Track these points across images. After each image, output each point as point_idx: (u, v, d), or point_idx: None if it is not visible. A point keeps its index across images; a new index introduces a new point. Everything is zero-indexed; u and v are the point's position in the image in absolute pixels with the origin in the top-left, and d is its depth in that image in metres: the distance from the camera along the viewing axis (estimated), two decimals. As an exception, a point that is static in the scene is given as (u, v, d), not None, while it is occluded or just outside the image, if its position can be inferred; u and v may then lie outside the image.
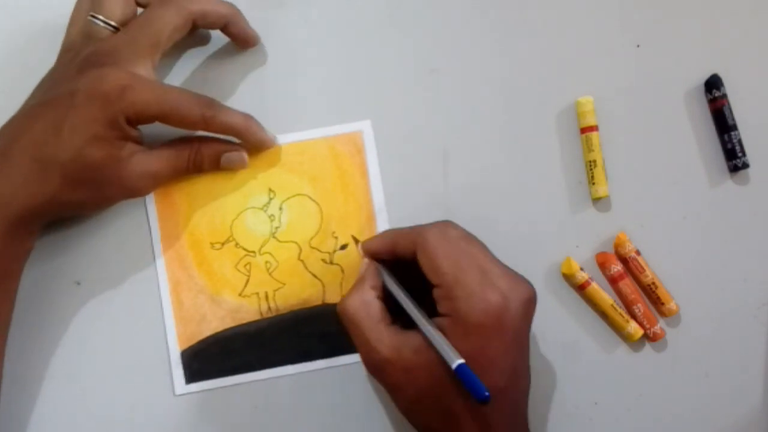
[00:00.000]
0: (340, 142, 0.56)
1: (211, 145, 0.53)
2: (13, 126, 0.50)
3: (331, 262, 0.55)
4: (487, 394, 0.45)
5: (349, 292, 0.50)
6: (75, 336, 0.55)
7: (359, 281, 0.51)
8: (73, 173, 0.49)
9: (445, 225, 0.50)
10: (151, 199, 0.55)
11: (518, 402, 0.50)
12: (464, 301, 0.47)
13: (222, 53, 0.57)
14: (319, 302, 0.55)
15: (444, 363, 0.47)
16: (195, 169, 0.53)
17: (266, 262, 0.55)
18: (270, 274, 0.55)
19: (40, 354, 0.55)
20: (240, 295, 0.55)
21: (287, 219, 0.56)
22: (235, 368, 0.55)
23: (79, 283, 0.55)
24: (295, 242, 0.56)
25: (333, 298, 0.55)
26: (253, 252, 0.55)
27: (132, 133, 0.50)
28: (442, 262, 0.48)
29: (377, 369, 0.49)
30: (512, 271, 0.49)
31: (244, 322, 0.55)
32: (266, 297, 0.55)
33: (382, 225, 0.56)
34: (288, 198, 0.56)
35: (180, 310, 0.55)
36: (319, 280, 0.55)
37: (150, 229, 0.55)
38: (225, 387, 0.55)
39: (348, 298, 0.50)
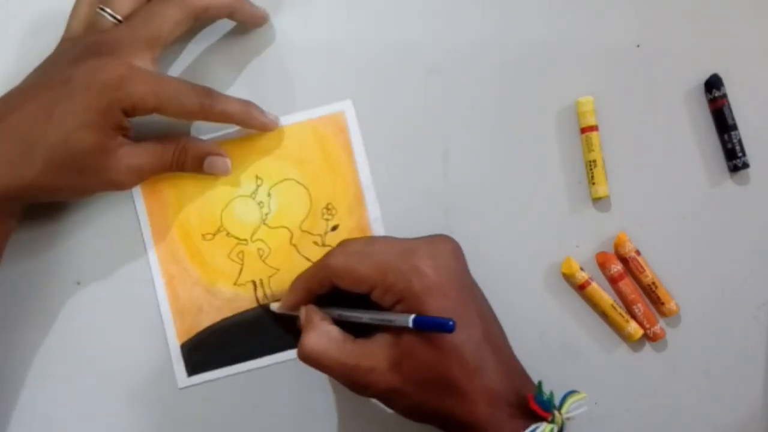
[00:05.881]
0: (323, 123, 0.56)
1: (198, 145, 0.53)
2: (3, 105, 0.50)
3: (323, 244, 0.55)
4: (451, 322, 0.45)
5: (302, 338, 0.50)
6: (74, 336, 0.55)
7: (305, 325, 0.50)
8: (57, 157, 0.48)
9: (342, 244, 0.50)
10: (138, 194, 0.55)
11: (499, 344, 0.50)
12: (400, 280, 0.48)
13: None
14: (314, 284, 0.55)
15: (420, 339, 0.47)
16: (177, 167, 0.53)
17: (259, 249, 0.55)
18: (263, 260, 0.55)
19: (39, 354, 0.54)
20: (235, 284, 0.55)
21: (276, 204, 0.56)
22: (236, 357, 0.55)
23: (78, 283, 0.55)
24: (286, 227, 0.55)
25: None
26: (245, 240, 0.55)
27: (124, 125, 0.50)
28: (359, 269, 0.49)
29: (365, 387, 0.49)
30: (424, 236, 0.50)
31: (241, 310, 0.55)
32: (261, 284, 0.55)
33: (371, 202, 0.55)
34: (275, 183, 0.56)
35: (176, 304, 0.55)
36: (312, 262, 0.55)
37: (140, 224, 0.55)
38: (227, 377, 0.55)
39: (304, 341, 0.49)
